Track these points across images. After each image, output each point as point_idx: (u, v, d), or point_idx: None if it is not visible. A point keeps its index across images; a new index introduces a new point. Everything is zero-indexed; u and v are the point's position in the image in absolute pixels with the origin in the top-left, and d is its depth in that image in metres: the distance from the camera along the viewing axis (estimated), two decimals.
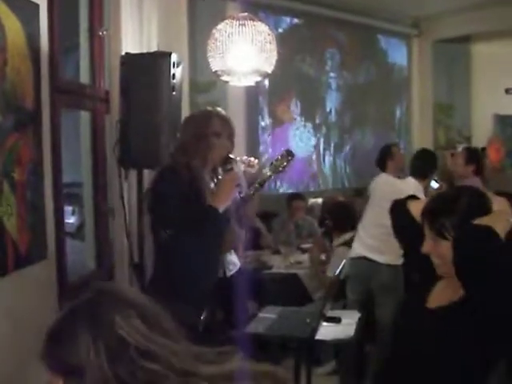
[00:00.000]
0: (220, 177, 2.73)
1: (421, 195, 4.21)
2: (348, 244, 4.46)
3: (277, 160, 3.67)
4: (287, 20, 7.21)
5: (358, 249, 4.28)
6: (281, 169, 3.64)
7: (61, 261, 3.01)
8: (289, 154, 3.67)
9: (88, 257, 3.75)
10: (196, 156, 2.65)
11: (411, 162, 4.56)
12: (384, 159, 5.17)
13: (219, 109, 2.79)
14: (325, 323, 2.93)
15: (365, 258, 4.20)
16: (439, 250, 1.77)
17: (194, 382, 1.05)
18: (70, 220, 7.78)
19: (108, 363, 1.02)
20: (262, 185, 3.79)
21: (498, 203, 1.80)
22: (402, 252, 3.91)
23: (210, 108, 2.82)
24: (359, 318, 3.21)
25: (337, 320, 3.00)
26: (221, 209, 2.61)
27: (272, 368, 1.14)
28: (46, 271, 2.86)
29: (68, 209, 7.56)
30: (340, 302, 4.11)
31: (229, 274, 3.58)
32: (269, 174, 3.60)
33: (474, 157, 4.52)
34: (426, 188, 4.42)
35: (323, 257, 4.81)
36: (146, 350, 1.04)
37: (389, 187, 4.34)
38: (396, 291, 3.99)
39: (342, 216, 4.69)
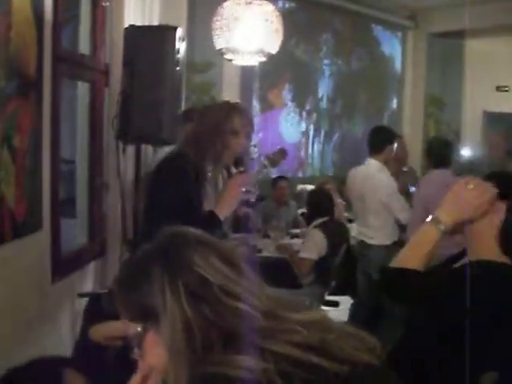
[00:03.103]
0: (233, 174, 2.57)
1: (382, 174, 4.38)
2: (320, 227, 4.57)
3: (273, 155, 3.78)
4: (281, 3, 7.13)
5: (357, 235, 4.61)
6: (276, 164, 3.77)
7: (55, 232, 2.97)
8: (283, 151, 3.78)
9: (80, 231, 3.70)
10: (209, 152, 2.49)
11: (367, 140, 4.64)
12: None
13: (239, 103, 2.61)
14: (323, 307, 2.94)
15: (361, 241, 4.49)
16: None
17: (286, 326, 1.00)
18: None
19: (188, 303, 0.98)
20: (259, 173, 3.90)
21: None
22: (389, 232, 4.17)
23: (231, 102, 2.64)
24: (352, 304, 3.22)
25: (335, 304, 3.01)
26: (223, 216, 2.46)
27: (361, 332, 1.09)
28: (41, 242, 2.82)
29: None
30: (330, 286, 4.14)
31: None
32: (267, 165, 3.72)
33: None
34: (387, 162, 4.49)
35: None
36: (229, 290, 1.00)
37: (354, 183, 4.62)
38: None
39: (316, 202, 4.80)
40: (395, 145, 4.60)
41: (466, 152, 7.36)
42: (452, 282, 1.72)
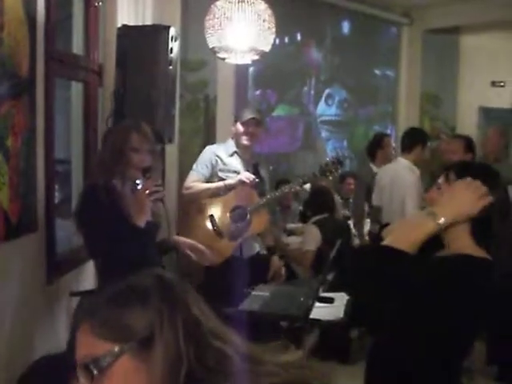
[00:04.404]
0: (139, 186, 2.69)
1: (408, 173, 4.48)
2: (317, 223, 4.69)
3: (326, 165, 3.76)
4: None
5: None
6: (328, 174, 3.73)
7: (50, 233, 2.97)
8: (339, 162, 3.75)
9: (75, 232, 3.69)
10: (115, 173, 2.65)
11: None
12: (374, 149, 5.29)
13: (141, 123, 2.72)
14: (318, 303, 2.94)
15: None
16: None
17: (265, 370, 1.03)
18: None
19: (184, 338, 0.99)
20: (306, 183, 3.92)
21: None
22: None
23: (129, 123, 2.77)
24: (347, 300, 3.22)
25: (330, 300, 3.01)
26: (142, 223, 2.62)
27: (313, 363, 1.13)
28: (35, 243, 2.82)
29: None
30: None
31: (245, 255, 3.77)
32: (317, 175, 3.70)
33: (472, 146, 4.59)
34: (417, 160, 4.59)
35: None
36: (218, 334, 1.03)
37: (383, 180, 4.68)
38: None
39: (318, 199, 4.90)
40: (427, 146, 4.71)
41: None
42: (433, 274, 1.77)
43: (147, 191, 2.61)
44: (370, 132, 7.68)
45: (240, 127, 3.80)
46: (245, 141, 3.80)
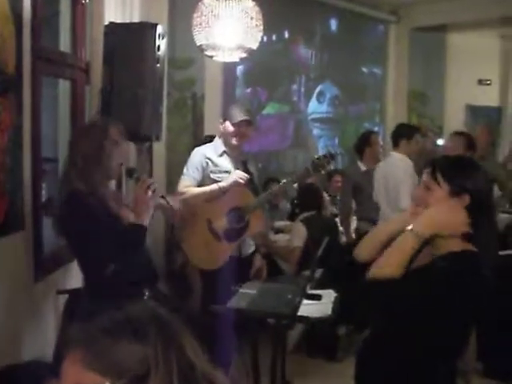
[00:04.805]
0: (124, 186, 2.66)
1: (401, 163, 4.54)
2: (304, 221, 4.74)
3: (318, 159, 3.72)
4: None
5: None
6: (321, 169, 3.70)
7: (37, 231, 2.96)
8: (331, 156, 3.73)
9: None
10: (98, 169, 2.55)
11: None
12: (362, 146, 5.31)
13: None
14: (306, 300, 2.95)
15: None
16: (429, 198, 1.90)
17: None
18: None
19: (178, 380, 0.95)
20: (299, 179, 3.90)
21: None
22: None
23: (103, 120, 2.72)
24: (335, 298, 3.23)
25: (317, 297, 3.02)
26: (146, 222, 2.59)
27: None
28: (22, 241, 2.81)
29: None
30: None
31: (244, 254, 3.77)
32: (310, 170, 3.68)
33: (473, 143, 4.62)
34: (408, 153, 4.63)
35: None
36: (211, 380, 1.00)
37: (379, 175, 4.70)
38: None
39: (306, 197, 4.96)
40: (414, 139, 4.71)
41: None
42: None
43: (149, 191, 2.57)
44: (360, 129, 7.71)
45: (230, 127, 3.72)
46: (234, 141, 3.75)
